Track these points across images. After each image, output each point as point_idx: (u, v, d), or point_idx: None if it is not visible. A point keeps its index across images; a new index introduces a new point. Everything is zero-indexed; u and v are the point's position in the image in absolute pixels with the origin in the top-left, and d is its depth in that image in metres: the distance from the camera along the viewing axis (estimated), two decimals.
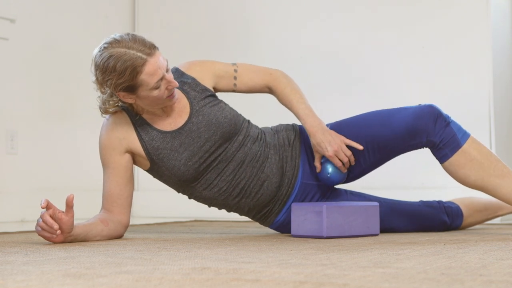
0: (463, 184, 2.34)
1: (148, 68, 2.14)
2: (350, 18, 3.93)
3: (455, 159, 2.29)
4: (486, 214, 2.68)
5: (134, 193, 4.25)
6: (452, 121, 2.32)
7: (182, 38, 4.31)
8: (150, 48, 2.16)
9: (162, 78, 2.18)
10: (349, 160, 2.38)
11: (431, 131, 2.29)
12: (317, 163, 2.41)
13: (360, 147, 2.37)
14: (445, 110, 3.56)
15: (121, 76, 2.13)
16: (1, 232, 2.61)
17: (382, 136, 2.35)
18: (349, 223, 2.30)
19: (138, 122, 2.32)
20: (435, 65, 3.73)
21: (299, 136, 2.49)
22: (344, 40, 3.93)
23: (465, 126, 2.36)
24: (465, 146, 2.28)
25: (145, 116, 2.32)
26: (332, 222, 2.26)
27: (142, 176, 4.24)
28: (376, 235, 2.36)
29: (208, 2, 4.30)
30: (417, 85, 3.75)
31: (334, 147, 2.35)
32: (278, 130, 2.50)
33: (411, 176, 3.67)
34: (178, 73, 2.39)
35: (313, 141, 2.39)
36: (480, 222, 2.71)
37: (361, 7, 3.90)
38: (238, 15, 4.20)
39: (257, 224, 3.07)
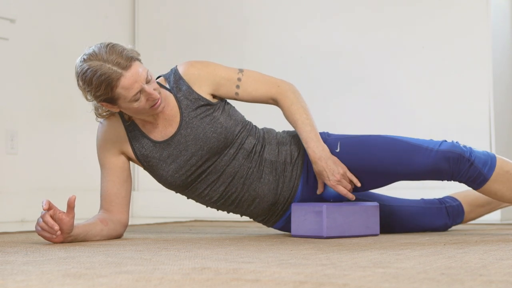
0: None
1: (123, 82, 2.09)
2: (350, 18, 3.92)
3: (485, 189, 2.25)
4: (488, 209, 2.66)
5: (134, 193, 4.28)
6: (475, 157, 2.22)
7: (182, 38, 4.30)
8: (127, 61, 2.09)
9: (140, 91, 2.12)
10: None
11: (455, 174, 2.22)
12: (320, 188, 2.32)
13: (359, 185, 2.29)
14: (445, 110, 3.51)
15: (98, 90, 2.10)
16: (1, 232, 2.61)
17: (398, 173, 2.26)
18: (349, 223, 2.30)
19: (130, 127, 2.30)
20: (435, 65, 3.72)
21: (304, 153, 2.37)
22: (344, 40, 3.92)
23: (465, 126, 2.35)
24: (493, 177, 2.22)
25: (136, 121, 2.30)
26: (332, 222, 2.26)
27: (142, 176, 4.24)
28: (376, 235, 2.36)
29: (208, 2, 4.29)
30: (417, 85, 3.75)
31: (336, 177, 2.25)
32: (283, 142, 2.39)
33: None
34: (175, 76, 2.32)
35: (315, 168, 2.28)
36: (482, 215, 2.70)
37: (361, 7, 3.90)
38: (238, 15, 4.20)
39: (258, 224, 3.07)
